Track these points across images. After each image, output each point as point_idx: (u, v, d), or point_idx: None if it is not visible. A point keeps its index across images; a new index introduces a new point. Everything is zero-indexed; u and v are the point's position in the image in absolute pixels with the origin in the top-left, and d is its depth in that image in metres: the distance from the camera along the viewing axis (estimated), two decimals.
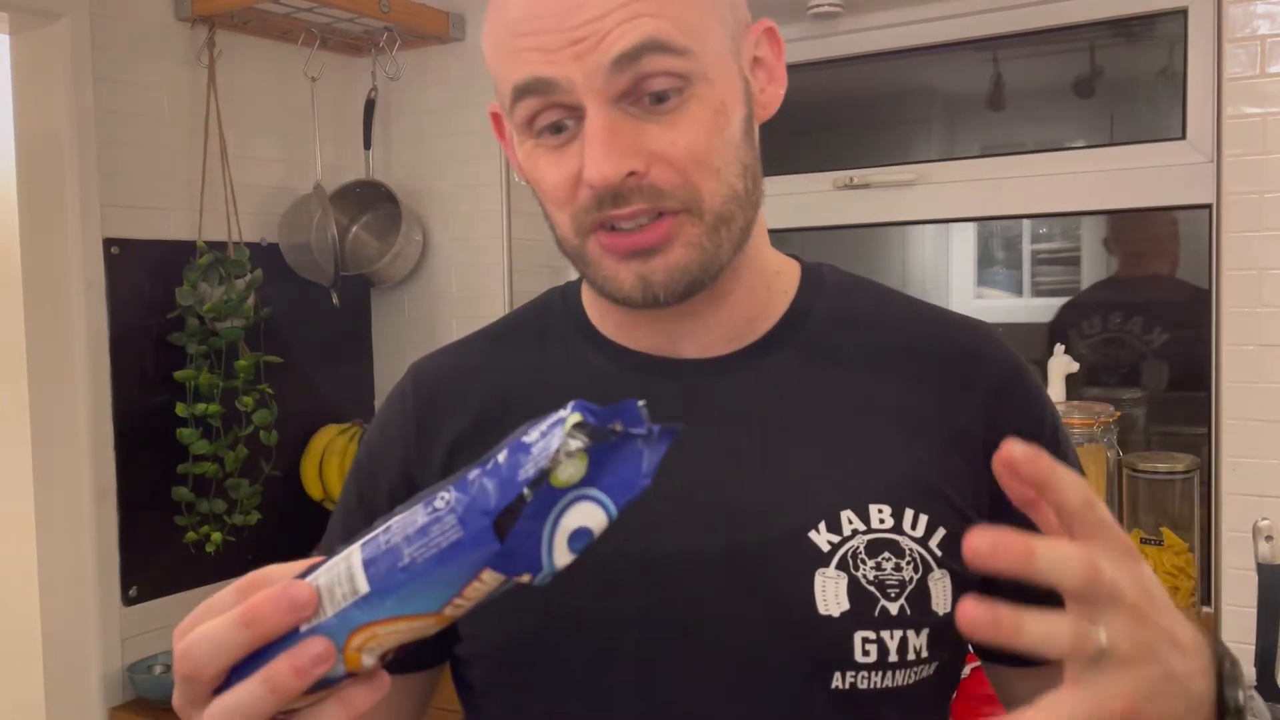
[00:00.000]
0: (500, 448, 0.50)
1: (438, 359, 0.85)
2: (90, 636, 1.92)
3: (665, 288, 0.69)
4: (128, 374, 1.95)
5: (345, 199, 2.27)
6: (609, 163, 0.65)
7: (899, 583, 0.70)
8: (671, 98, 0.66)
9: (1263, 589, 1.50)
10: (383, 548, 0.49)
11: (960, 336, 0.79)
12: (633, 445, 0.50)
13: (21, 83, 1.94)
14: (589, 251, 0.70)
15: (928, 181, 2.03)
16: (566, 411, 0.49)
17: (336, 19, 2.11)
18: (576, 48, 0.65)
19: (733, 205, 0.70)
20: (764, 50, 0.74)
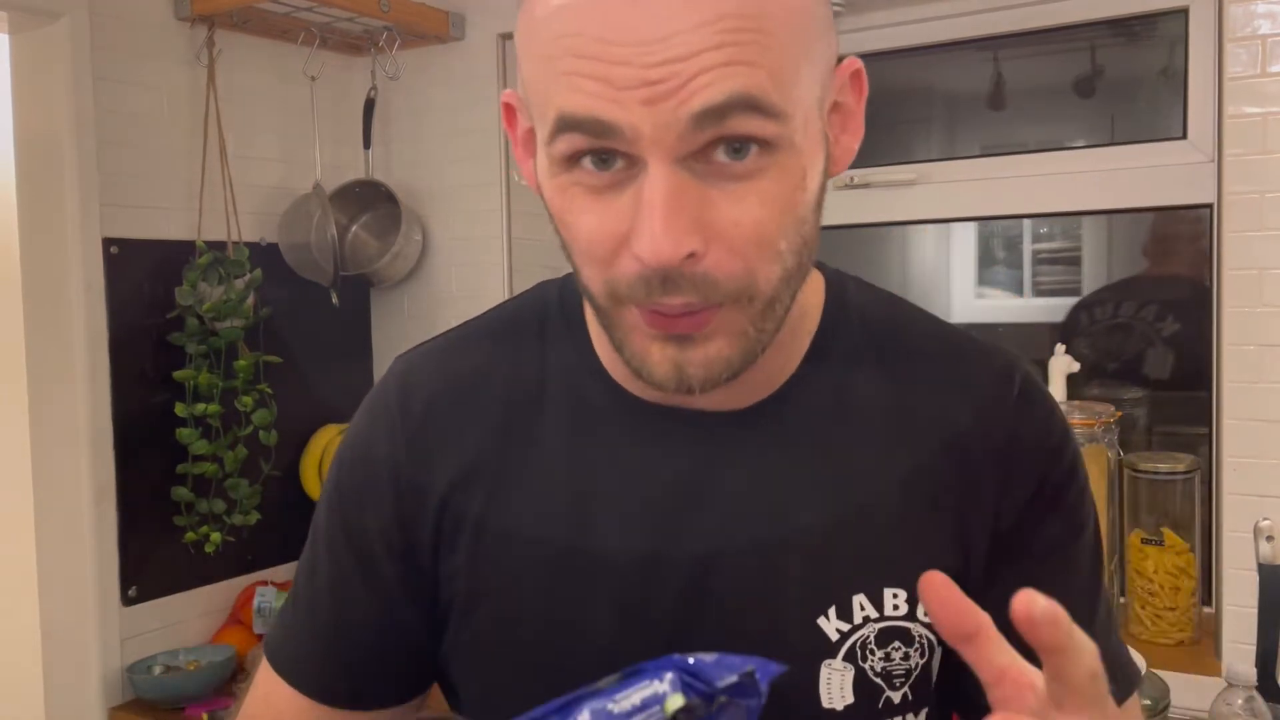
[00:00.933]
0: (583, 698, 0.45)
1: (426, 365, 0.76)
2: (90, 636, 1.92)
3: (702, 381, 0.61)
4: (127, 374, 1.94)
5: (345, 199, 2.27)
6: (669, 240, 0.55)
7: (905, 672, 0.67)
8: (748, 159, 0.56)
9: (1263, 589, 1.50)
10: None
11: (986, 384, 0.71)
12: (735, 707, 0.46)
13: (21, 83, 1.94)
14: (622, 318, 0.61)
15: (928, 181, 2.03)
16: (664, 687, 0.45)
17: (336, 19, 2.11)
18: (650, 90, 0.53)
19: (784, 287, 0.61)
20: (847, 95, 0.64)
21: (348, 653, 0.75)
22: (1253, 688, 1.37)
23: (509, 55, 2.24)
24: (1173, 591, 1.70)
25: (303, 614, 0.78)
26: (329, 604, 0.76)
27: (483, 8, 2.24)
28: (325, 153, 2.24)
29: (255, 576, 2.15)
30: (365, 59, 2.29)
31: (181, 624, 2.04)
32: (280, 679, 0.77)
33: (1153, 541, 1.72)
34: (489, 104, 2.25)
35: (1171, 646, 1.69)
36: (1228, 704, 1.37)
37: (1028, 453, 0.70)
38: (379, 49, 2.23)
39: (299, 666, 0.76)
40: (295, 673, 0.76)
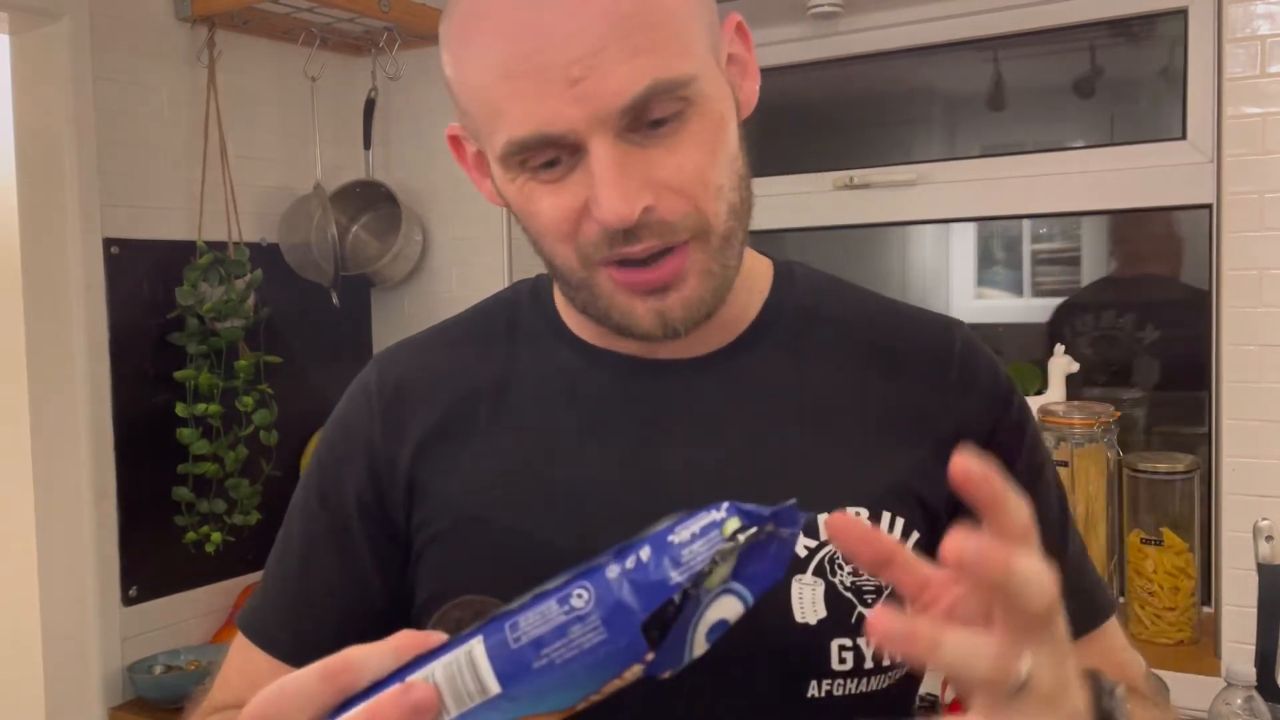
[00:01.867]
0: (638, 542, 0.48)
1: (404, 353, 0.83)
2: (90, 636, 1.92)
3: (685, 322, 0.68)
4: (128, 374, 1.95)
5: (345, 199, 2.27)
6: (624, 202, 0.62)
7: (876, 588, 0.70)
8: (671, 120, 0.64)
9: (1263, 589, 1.50)
10: (512, 645, 0.47)
11: (931, 333, 0.79)
12: (775, 539, 0.49)
13: (21, 83, 1.94)
14: (598, 284, 0.68)
15: (928, 181, 2.03)
16: (721, 514, 0.48)
17: (336, 19, 2.11)
18: (576, 90, 0.61)
19: (733, 221, 0.69)
20: (737, 47, 0.72)
21: (319, 618, 0.77)
22: (1252, 687, 1.37)
23: None
24: (1172, 591, 1.71)
25: (275, 586, 0.81)
26: (301, 570, 0.80)
27: None
28: (325, 153, 2.24)
29: (255, 576, 2.14)
30: (365, 59, 2.30)
31: (182, 624, 2.05)
32: (254, 646, 0.79)
33: (1152, 541, 1.72)
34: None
35: (1171, 646, 1.70)
36: (1227, 704, 1.37)
37: (977, 396, 0.76)
38: (379, 49, 2.23)
39: (271, 632, 0.79)
40: (267, 638, 0.79)
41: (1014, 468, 0.73)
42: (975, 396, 0.76)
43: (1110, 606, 0.80)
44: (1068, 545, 0.78)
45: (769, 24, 2.09)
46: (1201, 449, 1.82)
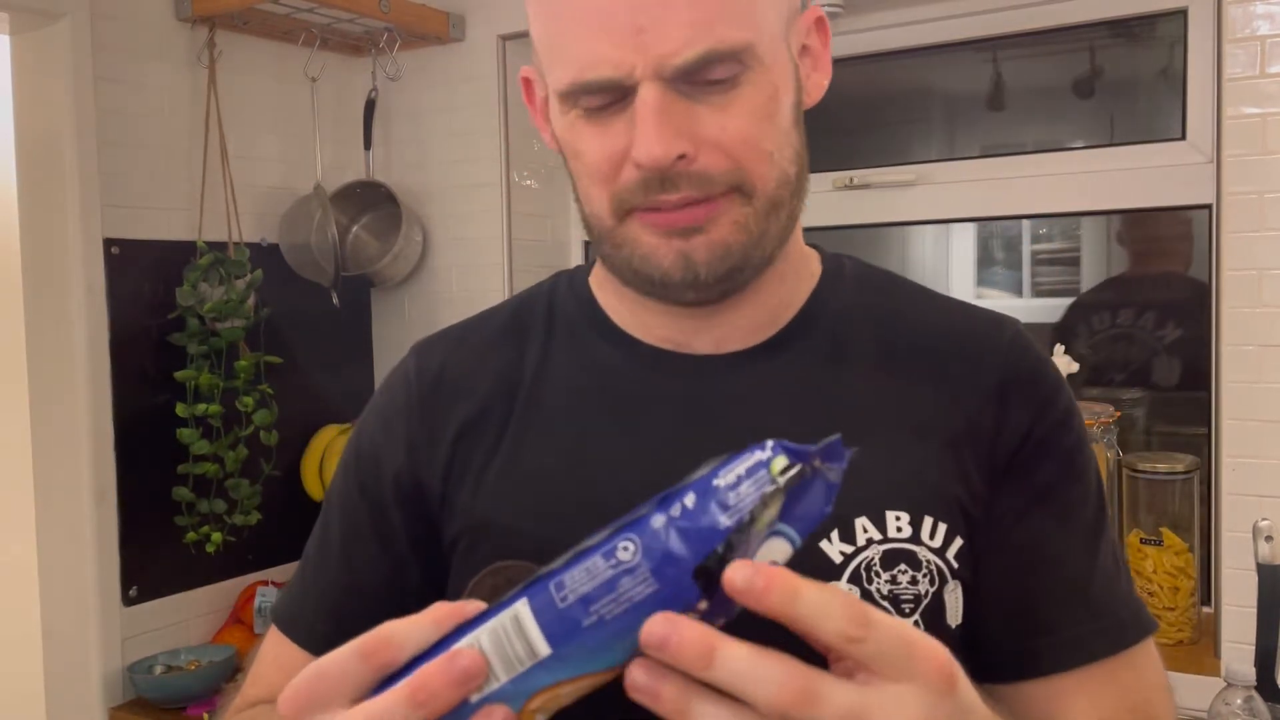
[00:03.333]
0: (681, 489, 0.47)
1: (442, 342, 0.82)
2: (90, 636, 1.92)
3: (708, 267, 0.66)
4: (128, 374, 1.95)
5: (345, 199, 2.27)
6: (660, 143, 0.63)
7: (914, 597, 0.67)
8: (726, 83, 0.64)
9: (1263, 589, 1.50)
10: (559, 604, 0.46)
11: (978, 333, 0.76)
12: (821, 477, 0.48)
13: (21, 83, 1.94)
14: (626, 231, 0.68)
15: (928, 182, 2.03)
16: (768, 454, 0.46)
17: (336, 19, 2.11)
18: (640, 38, 0.62)
19: (784, 190, 0.68)
20: (813, 39, 0.72)
21: (357, 607, 0.76)
22: (1252, 687, 1.37)
23: (509, 56, 2.24)
24: (1172, 591, 1.71)
25: (311, 576, 0.80)
26: (340, 560, 0.79)
27: (483, 8, 2.24)
28: (326, 153, 2.24)
29: (256, 576, 2.15)
30: (365, 60, 2.30)
31: (182, 624, 2.05)
32: (288, 640, 0.78)
33: (1152, 541, 1.72)
34: (489, 104, 2.25)
35: (1171, 646, 1.70)
36: (1227, 704, 1.37)
37: (1019, 396, 0.73)
38: (379, 50, 2.23)
39: (307, 626, 0.78)
40: (303, 631, 0.78)
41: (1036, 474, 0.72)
42: (1016, 399, 0.73)
43: (1140, 631, 0.73)
44: (1096, 560, 0.73)
45: None
46: (1201, 449, 1.82)
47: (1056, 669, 0.70)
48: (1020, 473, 0.72)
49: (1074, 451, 0.74)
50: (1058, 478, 0.73)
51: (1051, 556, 0.72)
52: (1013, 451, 0.71)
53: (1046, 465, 0.72)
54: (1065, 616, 0.71)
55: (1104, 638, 0.71)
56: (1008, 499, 0.71)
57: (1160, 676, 0.75)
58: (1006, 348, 0.75)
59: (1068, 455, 0.74)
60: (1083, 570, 0.72)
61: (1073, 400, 0.76)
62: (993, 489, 0.71)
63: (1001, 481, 0.71)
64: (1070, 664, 0.70)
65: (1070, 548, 0.72)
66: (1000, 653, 0.72)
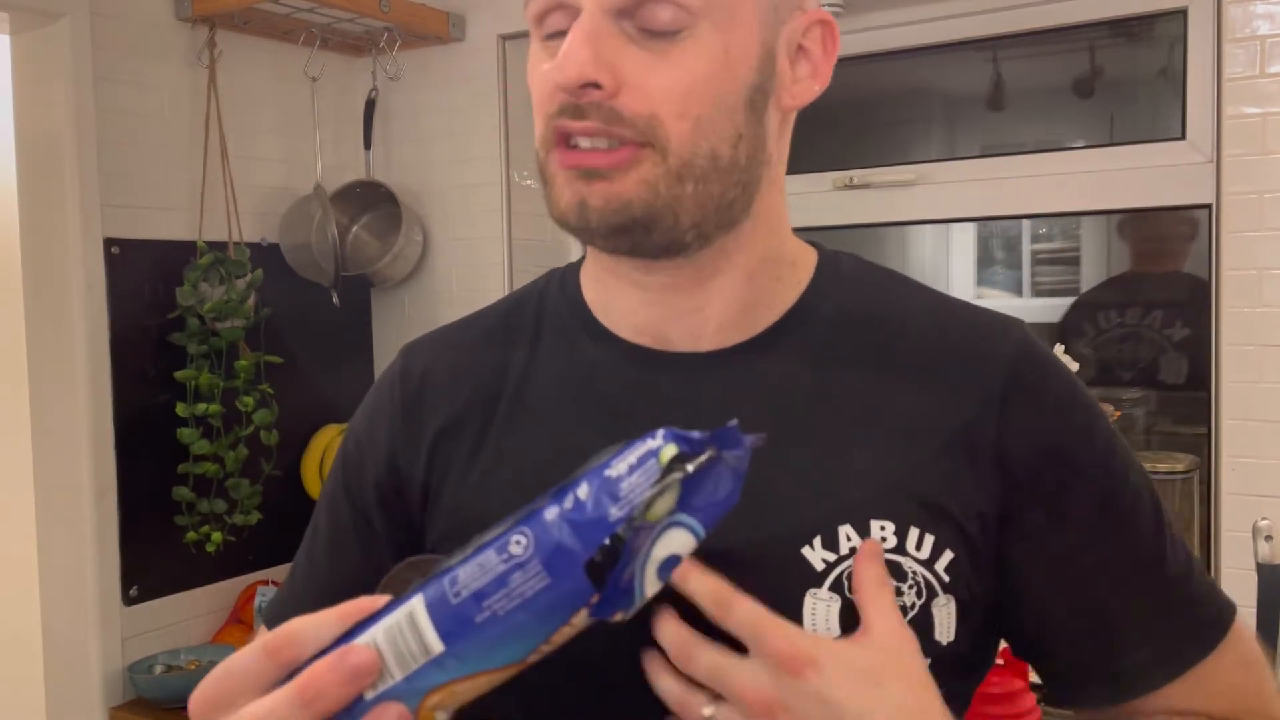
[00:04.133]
0: (575, 480, 0.46)
1: (431, 342, 0.82)
2: (90, 636, 1.92)
3: (600, 216, 0.64)
4: (128, 374, 1.95)
5: (345, 199, 2.27)
6: (573, 65, 0.61)
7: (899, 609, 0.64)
8: (668, 35, 0.62)
9: (1263, 589, 1.50)
10: (452, 600, 0.45)
11: (980, 335, 0.71)
12: (722, 464, 0.47)
13: (21, 83, 1.94)
14: (549, 168, 0.66)
15: (928, 181, 2.03)
16: (658, 442, 0.46)
17: (336, 19, 2.11)
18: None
19: (708, 165, 0.64)
20: (813, 42, 0.69)
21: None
22: None
23: (509, 55, 2.25)
24: None
25: (300, 579, 0.81)
26: (327, 563, 0.79)
27: (483, 8, 2.24)
28: (326, 153, 2.24)
29: (256, 576, 2.15)
30: (366, 60, 2.30)
31: (182, 623, 2.05)
32: None
33: None
34: (489, 104, 2.25)
35: None
36: None
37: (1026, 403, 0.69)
38: (379, 50, 2.23)
39: None
40: None
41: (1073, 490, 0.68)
42: (1022, 406, 0.68)
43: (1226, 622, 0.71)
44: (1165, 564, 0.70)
45: None
46: (1201, 449, 1.82)
47: (1152, 687, 0.69)
48: (1056, 496, 0.68)
49: (1107, 459, 0.70)
50: (1101, 495, 0.69)
51: (1123, 577, 0.69)
52: (1033, 468, 0.68)
53: (1083, 484, 0.69)
54: (1154, 634, 0.69)
55: (1193, 645, 0.69)
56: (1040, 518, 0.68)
57: (1252, 653, 0.72)
58: (1011, 352, 0.70)
59: (1102, 467, 0.70)
60: (1156, 582, 0.70)
61: (1092, 404, 0.72)
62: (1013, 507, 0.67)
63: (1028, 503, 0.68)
64: (1164, 679, 0.69)
65: (1138, 562, 0.70)
66: (1093, 680, 0.70)
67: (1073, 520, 0.68)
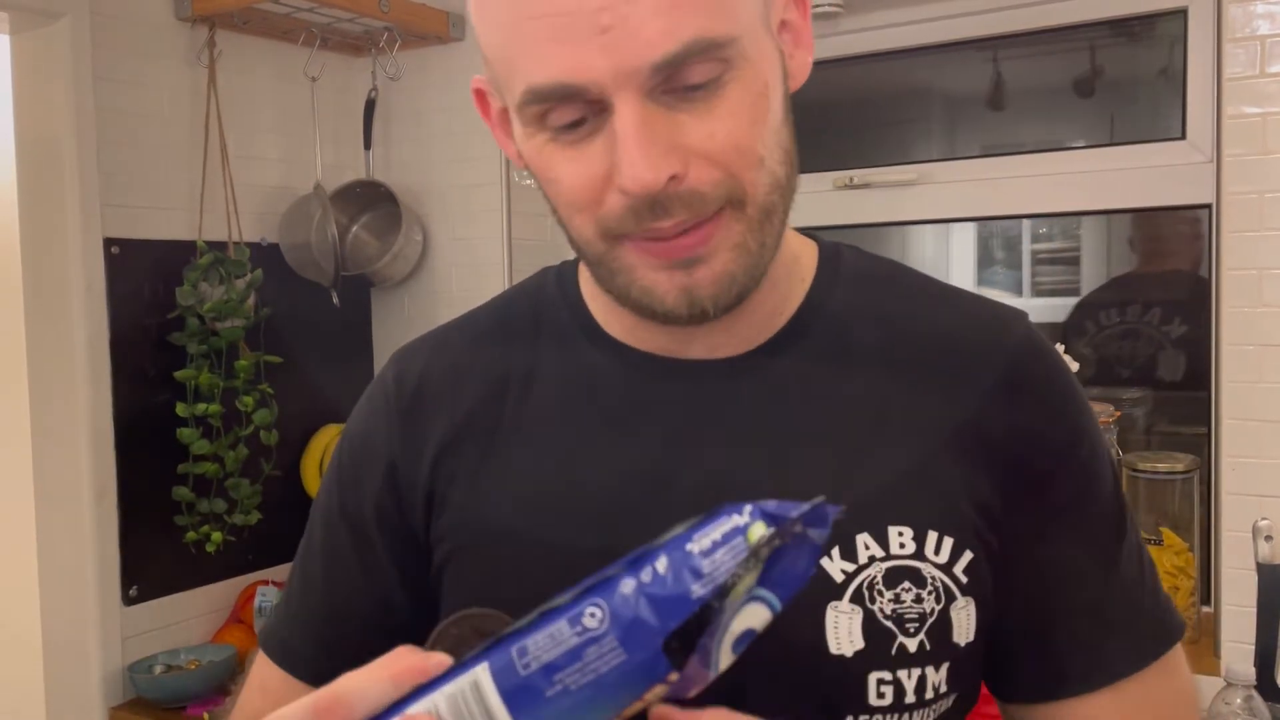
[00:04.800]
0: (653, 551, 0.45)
1: (424, 350, 0.78)
2: (90, 636, 1.92)
3: (714, 300, 0.61)
4: (128, 374, 1.95)
5: (345, 199, 2.27)
6: (649, 168, 0.56)
7: (919, 615, 0.64)
8: (709, 85, 0.58)
9: (1263, 589, 1.50)
10: (521, 672, 0.44)
11: (984, 330, 0.71)
12: (804, 540, 0.45)
13: (21, 83, 1.94)
14: (619, 258, 0.62)
15: (928, 181, 2.03)
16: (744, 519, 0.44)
17: (336, 19, 2.11)
18: (605, 38, 0.55)
19: (776, 196, 0.62)
20: (791, 12, 0.65)
21: (341, 634, 0.75)
22: (1251, 687, 1.37)
23: None
24: (1172, 591, 1.71)
25: (296, 600, 0.78)
26: (324, 585, 0.77)
27: None
28: (326, 153, 2.24)
29: (256, 576, 2.15)
30: (365, 59, 2.30)
31: (182, 623, 2.05)
32: (275, 665, 0.77)
33: (1152, 541, 1.72)
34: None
35: None
36: (1226, 703, 1.37)
37: (1028, 400, 0.68)
38: (379, 49, 2.23)
39: (293, 651, 0.76)
40: (289, 657, 0.76)
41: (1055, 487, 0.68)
42: (1023, 403, 0.68)
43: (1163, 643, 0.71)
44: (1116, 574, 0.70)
45: None
46: (1202, 449, 1.82)
47: (1075, 691, 0.69)
48: (1036, 487, 0.68)
49: (1089, 462, 0.70)
50: (1074, 492, 0.69)
51: (1070, 575, 0.69)
52: (1025, 461, 0.68)
53: (1061, 479, 0.69)
54: (1086, 637, 0.69)
55: (1122, 656, 0.69)
56: (1023, 515, 0.68)
57: (1184, 688, 0.72)
58: (1015, 347, 0.70)
59: (1081, 468, 0.70)
60: (1102, 587, 0.70)
61: (1086, 403, 0.72)
62: (1006, 499, 0.67)
63: (1016, 493, 0.68)
64: (1088, 686, 0.68)
65: (1089, 566, 0.70)
66: (1022, 675, 0.70)
67: (1041, 514, 0.69)
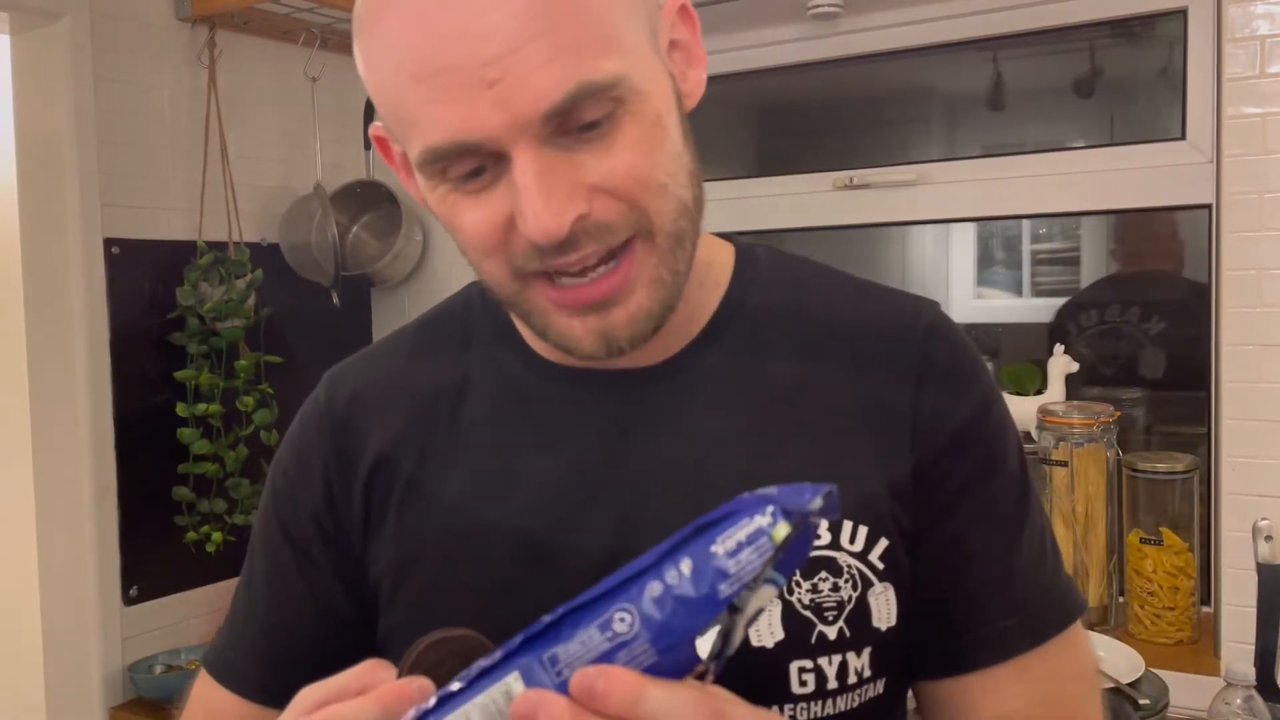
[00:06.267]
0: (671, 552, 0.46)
1: (353, 368, 0.79)
2: (90, 636, 1.92)
3: (630, 339, 0.63)
4: (128, 374, 1.95)
5: (345, 199, 2.27)
6: (551, 216, 0.57)
7: (837, 604, 0.66)
8: (603, 123, 0.58)
9: (1263, 589, 1.50)
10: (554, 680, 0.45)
11: (895, 319, 0.73)
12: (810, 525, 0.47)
13: (21, 83, 1.94)
14: (532, 299, 0.63)
15: (928, 181, 2.03)
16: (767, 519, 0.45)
17: (336, 19, 2.11)
18: (494, 93, 0.55)
19: (684, 221, 0.63)
20: (680, 31, 0.65)
21: (284, 649, 0.75)
22: (1251, 687, 1.37)
23: None
24: (1171, 591, 1.71)
25: (240, 620, 0.79)
26: (266, 601, 0.77)
27: None
28: (326, 153, 2.24)
29: None
30: None
31: (182, 623, 2.05)
32: (220, 687, 0.77)
33: (1152, 541, 1.72)
34: None
35: (1170, 646, 1.70)
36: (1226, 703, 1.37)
37: (935, 384, 0.70)
38: None
39: (235, 669, 0.77)
40: (231, 676, 0.77)
41: (961, 466, 0.70)
42: (932, 385, 0.70)
43: (1060, 622, 0.72)
44: (1017, 553, 0.72)
45: (769, 24, 2.09)
46: (1201, 449, 1.82)
47: (977, 666, 0.70)
48: (941, 469, 0.70)
49: (992, 442, 0.72)
50: (976, 472, 0.71)
51: (972, 554, 0.70)
52: (933, 444, 0.69)
53: (964, 460, 0.70)
54: (985, 614, 0.70)
55: (1022, 632, 0.70)
56: (932, 491, 0.70)
57: (1081, 664, 0.74)
58: (923, 334, 0.72)
59: (985, 447, 0.71)
60: (1003, 565, 0.71)
61: (992, 386, 0.74)
62: (917, 476, 0.69)
63: (926, 469, 0.69)
64: (990, 660, 0.70)
65: (990, 543, 0.71)
66: (928, 651, 0.71)
67: (944, 493, 0.70)
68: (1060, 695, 0.72)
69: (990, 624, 0.70)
